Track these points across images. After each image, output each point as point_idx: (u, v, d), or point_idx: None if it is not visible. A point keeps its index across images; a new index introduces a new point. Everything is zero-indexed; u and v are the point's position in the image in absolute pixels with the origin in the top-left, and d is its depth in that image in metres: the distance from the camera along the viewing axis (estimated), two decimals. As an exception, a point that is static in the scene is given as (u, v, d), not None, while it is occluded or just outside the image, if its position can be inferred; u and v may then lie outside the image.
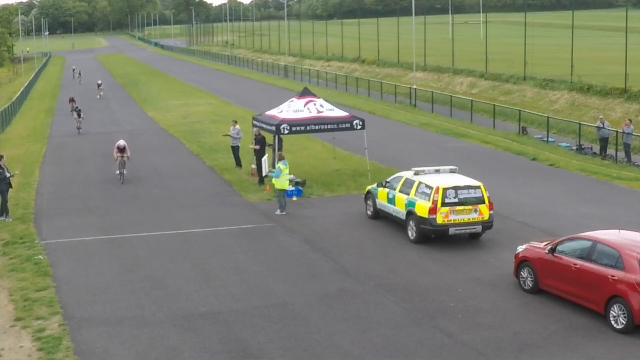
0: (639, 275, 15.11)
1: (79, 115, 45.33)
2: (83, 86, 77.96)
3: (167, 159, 35.51)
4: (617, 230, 17.12)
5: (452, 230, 20.86)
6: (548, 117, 39.61)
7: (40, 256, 20.71)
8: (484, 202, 21.07)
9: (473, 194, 21.09)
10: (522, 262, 17.76)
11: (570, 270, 16.44)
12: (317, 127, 28.92)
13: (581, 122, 37.83)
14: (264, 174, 28.47)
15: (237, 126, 32.73)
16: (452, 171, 22.54)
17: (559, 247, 17.03)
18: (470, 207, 20.96)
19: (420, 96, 54.16)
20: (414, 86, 55.89)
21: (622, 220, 22.76)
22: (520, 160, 33.74)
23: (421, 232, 21.13)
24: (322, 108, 29.39)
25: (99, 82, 68.32)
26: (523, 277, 17.67)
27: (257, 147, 28.77)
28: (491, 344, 14.87)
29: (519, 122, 41.01)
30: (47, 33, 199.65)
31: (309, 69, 79.37)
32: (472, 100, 47.48)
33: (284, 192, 24.91)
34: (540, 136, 38.99)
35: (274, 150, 29.18)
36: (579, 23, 58.74)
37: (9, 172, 25.20)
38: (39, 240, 22.41)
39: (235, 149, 32.50)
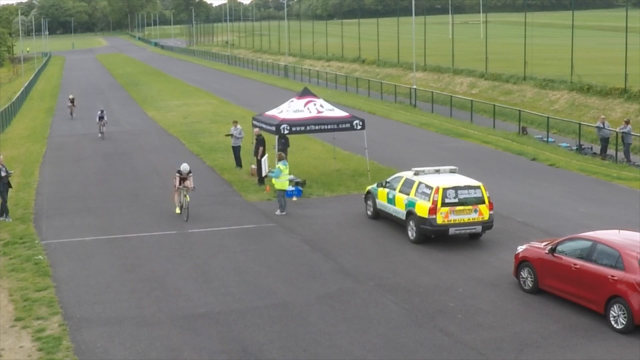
0: (639, 275, 15.12)
1: None
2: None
3: (167, 159, 35.44)
4: (617, 230, 17.12)
5: (452, 231, 20.85)
6: (548, 117, 39.62)
7: (40, 256, 20.69)
8: (484, 202, 21.06)
9: (473, 194, 21.09)
10: (522, 262, 17.76)
11: (570, 271, 16.43)
12: (317, 127, 28.93)
13: (581, 122, 37.84)
14: (263, 174, 28.48)
15: (239, 126, 32.71)
16: (452, 171, 22.53)
17: (559, 247, 17.03)
18: (470, 207, 20.95)
19: (420, 96, 54.15)
20: (414, 86, 55.87)
21: (622, 220, 22.77)
22: (520, 160, 33.73)
23: (421, 232, 21.12)
24: (322, 108, 29.39)
25: (185, 169, 24.72)
26: (523, 277, 17.67)
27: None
28: (491, 344, 14.87)
29: (519, 122, 41.01)
30: (47, 33, 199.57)
31: (309, 69, 79.35)
32: (472, 100, 47.48)
33: (284, 192, 24.90)
34: (540, 136, 38.99)
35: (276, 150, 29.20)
36: (578, 23, 58.75)
37: (7, 171, 25.03)
38: (39, 240, 22.38)
39: (236, 149, 32.45)
